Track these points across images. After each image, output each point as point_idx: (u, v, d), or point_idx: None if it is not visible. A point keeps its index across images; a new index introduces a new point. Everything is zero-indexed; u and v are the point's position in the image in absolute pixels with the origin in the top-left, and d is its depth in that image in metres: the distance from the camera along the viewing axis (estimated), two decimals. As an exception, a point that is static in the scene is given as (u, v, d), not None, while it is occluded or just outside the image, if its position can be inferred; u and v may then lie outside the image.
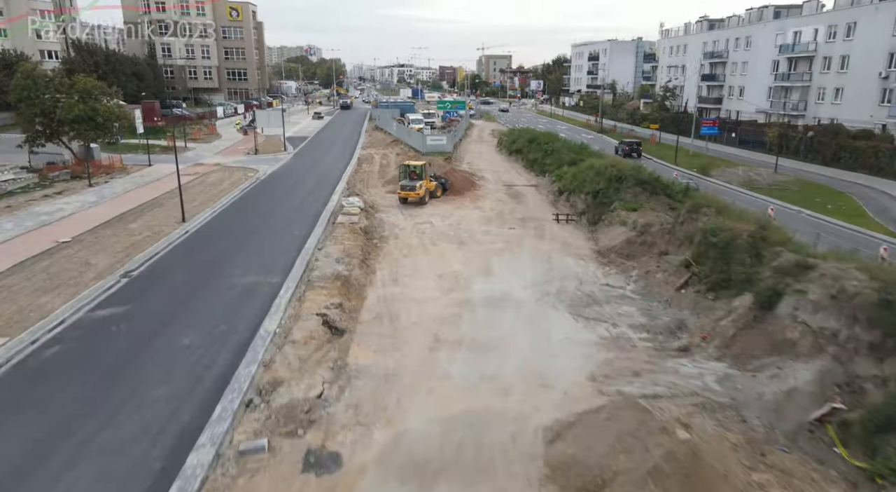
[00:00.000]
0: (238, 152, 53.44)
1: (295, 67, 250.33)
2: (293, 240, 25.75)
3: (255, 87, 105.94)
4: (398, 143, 59.64)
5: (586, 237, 26.51)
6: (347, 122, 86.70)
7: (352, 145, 59.63)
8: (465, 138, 66.79)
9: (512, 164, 48.92)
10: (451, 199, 35.00)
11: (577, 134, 73.04)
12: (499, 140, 60.69)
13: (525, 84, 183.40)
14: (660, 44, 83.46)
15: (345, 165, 47.03)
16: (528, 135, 51.12)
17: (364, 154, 53.47)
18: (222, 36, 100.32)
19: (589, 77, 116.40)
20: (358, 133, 71.10)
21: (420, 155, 48.41)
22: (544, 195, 36.33)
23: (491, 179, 41.87)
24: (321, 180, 40.65)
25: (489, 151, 57.12)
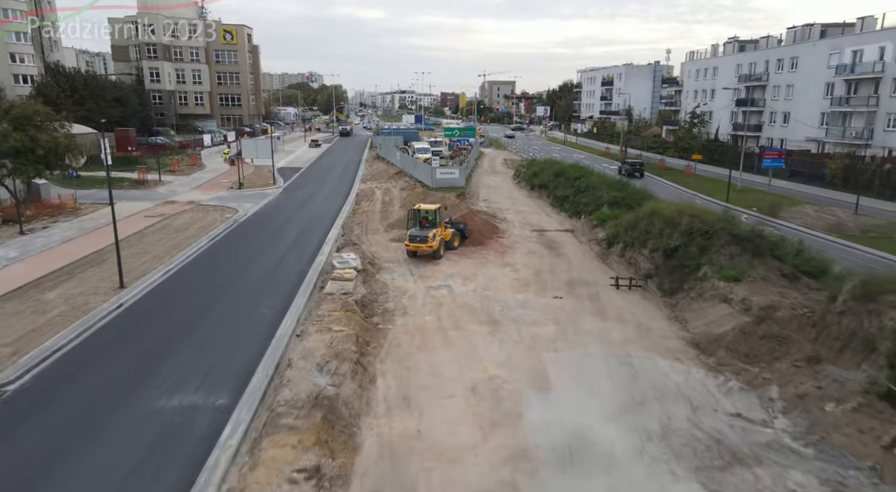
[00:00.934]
0: (219, 187, 46.65)
1: (295, 94, 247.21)
2: (261, 323, 18.59)
3: (249, 113, 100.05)
4: (402, 175, 52.92)
5: (666, 315, 19.31)
6: (347, 150, 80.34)
7: (350, 178, 52.91)
8: (477, 169, 60.14)
9: (536, 201, 41.99)
10: (471, 250, 27.92)
11: (598, 164, 66.38)
12: (516, 171, 53.93)
13: (530, 110, 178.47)
14: (684, 67, 77.54)
15: (341, 203, 40.15)
16: (553, 167, 44.36)
17: (363, 189, 46.66)
18: (215, 60, 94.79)
19: (602, 102, 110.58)
20: (357, 163, 64.53)
21: (429, 191, 41.56)
22: (586, 245, 29.24)
23: (515, 221, 34.88)
24: (311, 224, 33.67)
25: (506, 184, 50.31)
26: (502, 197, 43.32)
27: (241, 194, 43.57)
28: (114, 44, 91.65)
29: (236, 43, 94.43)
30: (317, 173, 56.36)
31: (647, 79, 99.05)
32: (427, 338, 17.84)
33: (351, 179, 51.80)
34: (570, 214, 35.87)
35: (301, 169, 59.14)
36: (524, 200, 42.23)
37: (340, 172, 56.83)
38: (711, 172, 56.65)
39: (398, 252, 27.53)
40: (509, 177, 54.54)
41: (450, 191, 42.22)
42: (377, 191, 45.47)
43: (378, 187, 47.27)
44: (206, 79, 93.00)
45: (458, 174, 43.88)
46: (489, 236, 30.08)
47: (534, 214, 37.54)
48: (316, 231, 31.68)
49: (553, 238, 30.75)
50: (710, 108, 69.63)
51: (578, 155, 76.89)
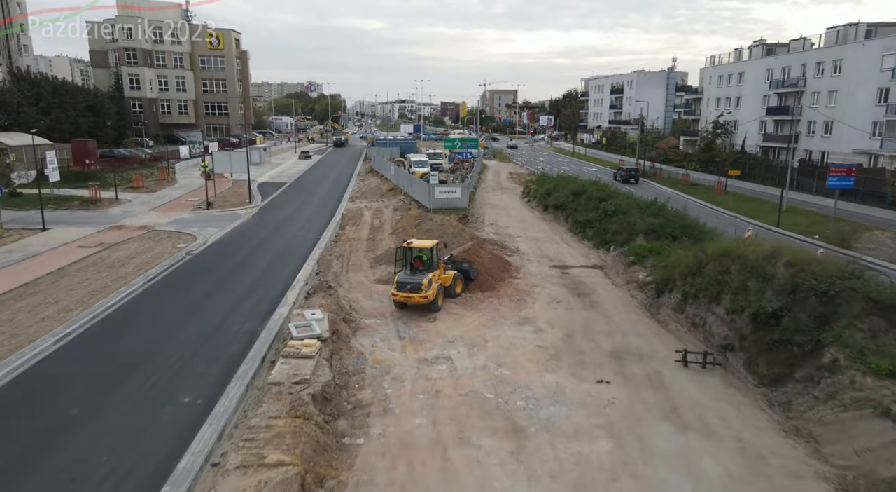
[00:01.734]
0: (184, 207, 40.48)
1: (293, 103, 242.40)
2: (160, 442, 12.28)
3: (237, 122, 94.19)
4: (397, 191, 46.82)
5: (777, 423, 12.96)
6: (338, 162, 74.33)
7: (337, 195, 46.78)
8: (481, 184, 54.06)
9: (551, 225, 35.80)
10: (478, 298, 21.67)
11: (612, 178, 60.34)
12: (525, 188, 47.77)
13: (533, 119, 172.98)
14: (704, 73, 71.70)
15: (322, 228, 33.99)
16: (570, 185, 38.22)
17: (351, 209, 40.50)
18: (200, 66, 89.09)
19: (611, 111, 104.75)
20: (348, 177, 58.45)
21: (426, 213, 35.42)
22: (623, 289, 23.00)
23: (530, 253, 28.67)
24: (280, 258, 27.44)
25: (514, 203, 44.15)
26: (512, 220, 37.13)
27: (208, 216, 37.41)
28: (92, 49, 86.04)
29: (223, 48, 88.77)
30: (301, 189, 50.22)
31: (660, 86, 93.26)
32: (416, 465, 11.55)
33: (338, 197, 45.65)
34: (595, 243, 29.67)
35: (285, 184, 53.05)
36: (537, 224, 36.02)
37: (328, 189, 50.71)
38: (743, 188, 50.51)
39: (385, 299, 21.30)
40: (517, 194, 48.41)
41: (450, 213, 36.12)
42: (366, 212, 39.30)
43: (368, 207, 41.11)
44: (190, 86, 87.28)
45: (460, 193, 37.73)
46: (500, 276, 23.83)
47: (551, 242, 31.31)
48: (284, 268, 25.45)
49: (580, 278, 24.50)
50: (734, 116, 63.61)
51: (590, 168, 70.84)
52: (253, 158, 68.36)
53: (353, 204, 42.64)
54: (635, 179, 55.43)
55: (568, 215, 34.83)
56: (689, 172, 55.49)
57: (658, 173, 60.08)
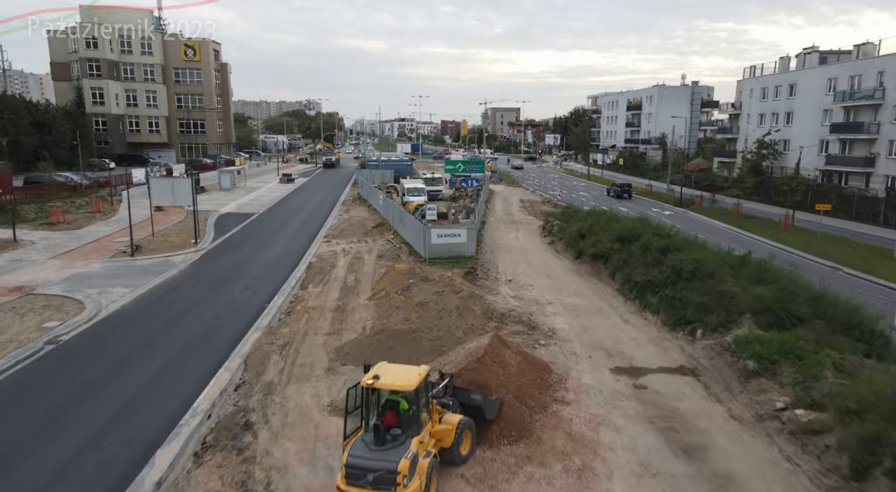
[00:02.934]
0: (105, 251, 30.93)
1: (290, 121, 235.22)
2: None
3: (215, 141, 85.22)
4: (385, 228, 37.38)
5: None
6: (323, 187, 65.06)
7: (311, 232, 37.33)
8: (489, 215, 44.60)
9: (590, 281, 26.12)
10: (503, 461, 11.90)
11: (645, 208, 50.92)
12: (545, 224, 38.22)
13: (538, 137, 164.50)
14: (742, 86, 62.71)
15: (275, 287, 24.51)
16: (614, 227, 28.60)
17: (324, 254, 30.95)
18: (174, 79, 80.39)
19: (628, 129, 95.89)
20: (330, 207, 49.08)
21: (420, 263, 25.89)
22: (761, 434, 13.19)
23: (573, 337, 18.97)
24: (190, 350, 17.82)
25: (533, 243, 34.60)
26: (535, 272, 27.49)
27: (128, 267, 27.87)
28: (53, 60, 77.32)
29: (199, 60, 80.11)
30: (269, 224, 40.74)
31: (684, 102, 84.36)
32: None
33: (311, 236, 36.18)
34: (666, 319, 20.03)
35: (252, 216, 43.63)
36: (571, 281, 26.35)
37: (301, 223, 41.23)
38: (813, 222, 41.06)
39: (339, 456, 11.54)
40: (535, 231, 38.91)
41: (453, 264, 26.58)
42: (341, 259, 29.72)
43: (346, 251, 31.57)
44: (162, 101, 78.47)
45: (465, 237, 28.11)
46: (537, 401, 14.10)
47: (598, 313, 21.61)
48: (186, 377, 15.83)
49: (668, 400, 14.74)
50: (784, 135, 54.42)
51: (613, 194, 61.51)
52: (223, 182, 59.28)
53: (328, 246, 33.10)
54: (628, 194, 56.99)
55: (615, 269, 25.19)
56: (741, 202, 45.89)
57: (699, 202, 50.60)
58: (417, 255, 28.84)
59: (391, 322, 19.00)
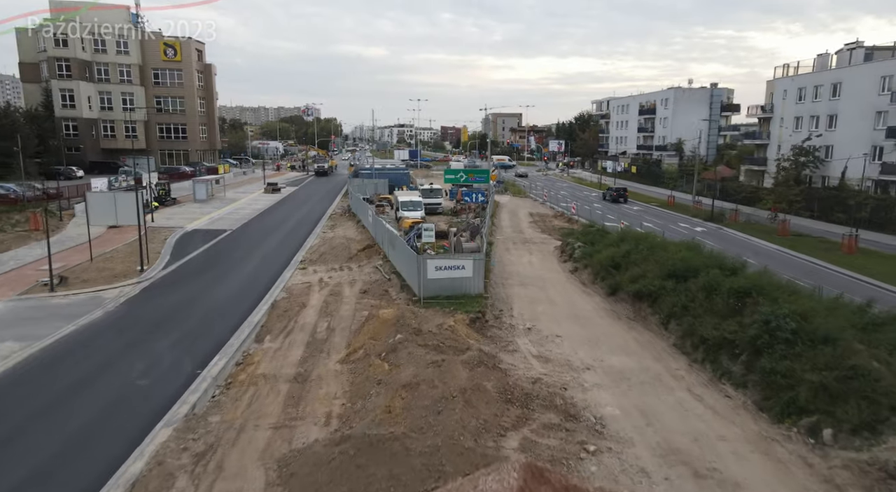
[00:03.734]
0: (21, 283, 24.85)
1: (287, 127, 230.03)
2: None
3: (199, 147, 79.35)
4: (373, 251, 31.34)
5: None
6: (311, 198, 59.15)
7: (286, 255, 31.32)
8: (496, 232, 38.59)
9: (634, 330, 19.97)
10: None
11: (670, 223, 44.98)
12: (563, 246, 32.19)
13: (542, 143, 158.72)
14: (775, 86, 56.82)
15: (221, 339, 18.47)
16: (659, 256, 22.48)
17: (295, 288, 24.92)
18: (153, 81, 74.61)
19: (641, 135, 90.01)
20: (315, 222, 43.11)
21: (412, 306, 19.80)
22: None
23: (633, 435, 12.87)
24: (62, 459, 11.70)
25: (552, 272, 28.49)
26: (559, 314, 21.41)
27: (41, 306, 21.87)
28: (22, 61, 71.60)
29: (180, 60, 74.32)
30: (238, 244, 34.73)
31: (702, 105, 78.53)
32: None
33: (285, 260, 30.17)
34: (763, 400, 14.00)
35: (222, 234, 37.65)
36: (608, 327, 20.22)
37: (277, 243, 35.21)
38: (874, 241, 35.08)
39: None
40: (550, 252, 32.93)
41: (454, 305, 20.59)
42: (315, 296, 23.69)
43: (323, 283, 25.55)
44: (140, 104, 72.52)
45: (471, 270, 21.99)
46: None
47: (658, 387, 15.48)
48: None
49: None
50: (827, 140, 48.51)
51: (632, 207, 55.54)
52: (198, 193, 53.26)
53: (303, 276, 27.08)
54: (623, 198, 58.36)
55: (668, 316, 19.12)
56: (786, 217, 39.79)
57: (733, 216, 44.54)
58: (410, 290, 22.82)
59: (366, 414, 12.94)
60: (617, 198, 58.46)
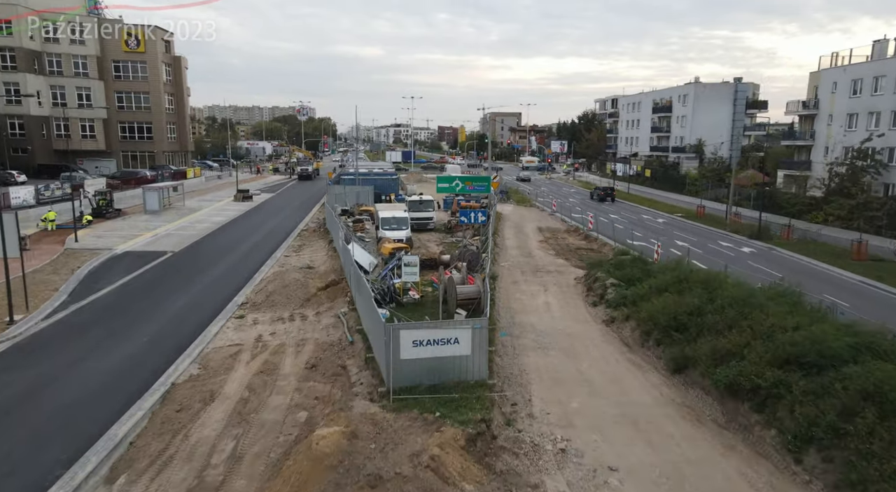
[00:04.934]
0: None
1: (278, 127, 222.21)
2: None
3: (167, 148, 71.52)
4: (339, 289, 23.58)
5: None
6: (285, 207, 51.52)
7: (226, 292, 23.56)
8: (499, 257, 30.86)
9: (730, 450, 12.28)
10: None
11: (707, 241, 37.48)
12: (587, 278, 24.49)
13: (543, 143, 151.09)
14: (820, 78, 49.22)
15: (41, 480, 10.69)
16: (768, 329, 14.53)
17: (214, 355, 17.19)
18: (114, 75, 66.75)
19: (654, 135, 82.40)
20: (280, 240, 35.41)
21: (373, 414, 12.05)
22: None
23: None
24: None
25: (580, 322, 20.74)
26: (608, 416, 13.64)
27: None
28: (-35, 51, 63.62)
29: (144, 51, 66.47)
30: (169, 276, 26.98)
31: (724, 102, 70.72)
32: None
33: (221, 302, 22.45)
34: None
35: (159, 258, 30.04)
36: (695, 451, 12.45)
37: (220, 275, 27.45)
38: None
39: None
40: (570, 286, 25.40)
41: (443, 406, 12.80)
42: (240, 370, 16.00)
43: (258, 344, 17.88)
44: (99, 100, 64.73)
45: (468, 344, 14.14)
46: None
47: None
48: None
49: None
50: (889, 141, 40.93)
51: (647, 214, 47.91)
52: (149, 203, 45.42)
53: (235, 331, 19.42)
54: (611, 198, 58.47)
55: (801, 439, 11.42)
56: (862, 239, 32.01)
57: (786, 234, 36.86)
58: (377, 369, 15.13)
59: None
60: (604, 197, 58.29)
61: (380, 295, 20.83)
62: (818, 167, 46.86)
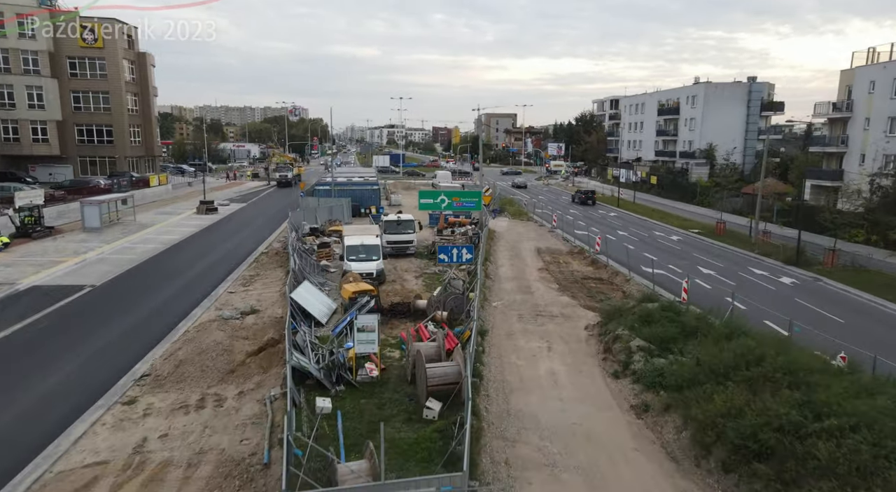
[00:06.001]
0: None
1: (268, 128, 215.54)
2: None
3: (131, 153, 65.41)
4: (277, 353, 17.66)
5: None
6: (252, 222, 45.59)
7: (123, 362, 17.49)
8: (492, 291, 25.04)
9: None
10: None
11: (737, 267, 31.84)
12: (610, 343, 18.70)
13: (540, 146, 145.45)
14: (854, 76, 43.64)
15: None
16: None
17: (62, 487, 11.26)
18: (69, 72, 60.63)
19: (660, 139, 76.78)
20: (228, 270, 29.43)
21: None
22: None
23: None
24: None
25: (601, 412, 14.94)
26: None
27: None
28: None
29: (102, 47, 60.36)
30: (70, 325, 21.05)
31: (737, 103, 65.52)
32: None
33: (110, 376, 16.52)
34: None
35: (70, 296, 24.21)
36: None
37: (136, 323, 21.50)
38: None
39: None
40: (581, 340, 19.82)
41: None
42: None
43: (125, 472, 11.95)
44: (52, 101, 58.58)
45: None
46: None
47: None
48: None
49: None
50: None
51: (666, 233, 42.13)
52: (89, 219, 39.48)
53: (113, 430, 13.65)
54: (592, 201, 59.51)
55: None
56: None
57: (830, 259, 31.13)
58: None
59: None
60: (585, 200, 59.43)
61: (325, 372, 15.08)
62: (852, 177, 41.31)
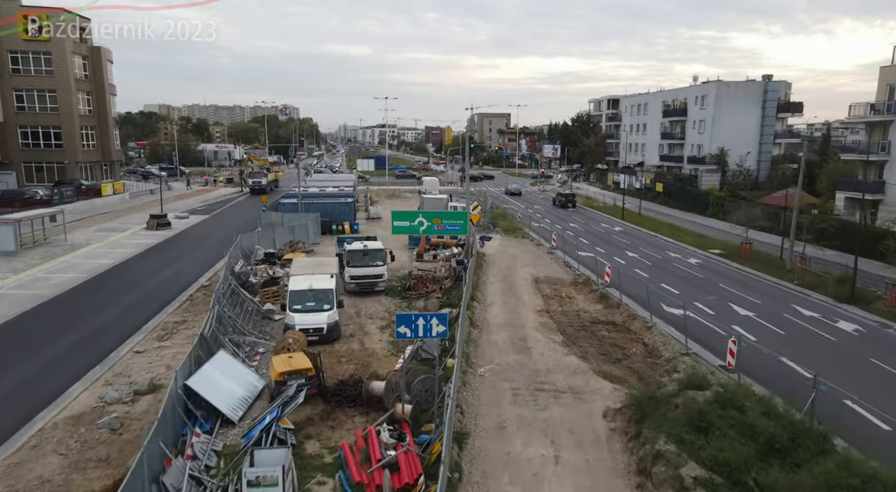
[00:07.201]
0: None
1: (256, 128, 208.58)
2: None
3: (84, 159, 59.11)
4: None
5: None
6: (206, 240, 39.45)
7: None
8: (478, 350, 19.14)
9: None
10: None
11: (778, 308, 26.06)
12: (648, 457, 12.81)
13: (534, 147, 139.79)
14: (888, 75, 37.91)
15: None
16: None
17: None
18: (11, 68, 54.39)
19: (665, 142, 71.07)
20: (144, 320, 23.32)
21: None
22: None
23: None
24: None
25: None
26: None
27: None
28: None
29: (48, 40, 54.05)
30: None
31: (751, 104, 59.87)
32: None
33: None
34: None
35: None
36: None
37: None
38: None
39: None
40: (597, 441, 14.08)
41: None
42: None
43: None
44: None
45: None
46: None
47: None
48: None
49: None
50: None
51: (682, 255, 36.15)
52: (2, 242, 33.53)
53: None
54: (572, 204, 60.45)
55: None
56: None
57: (894, 296, 25.37)
58: None
59: None
60: (565, 203, 60.25)
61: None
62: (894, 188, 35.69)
